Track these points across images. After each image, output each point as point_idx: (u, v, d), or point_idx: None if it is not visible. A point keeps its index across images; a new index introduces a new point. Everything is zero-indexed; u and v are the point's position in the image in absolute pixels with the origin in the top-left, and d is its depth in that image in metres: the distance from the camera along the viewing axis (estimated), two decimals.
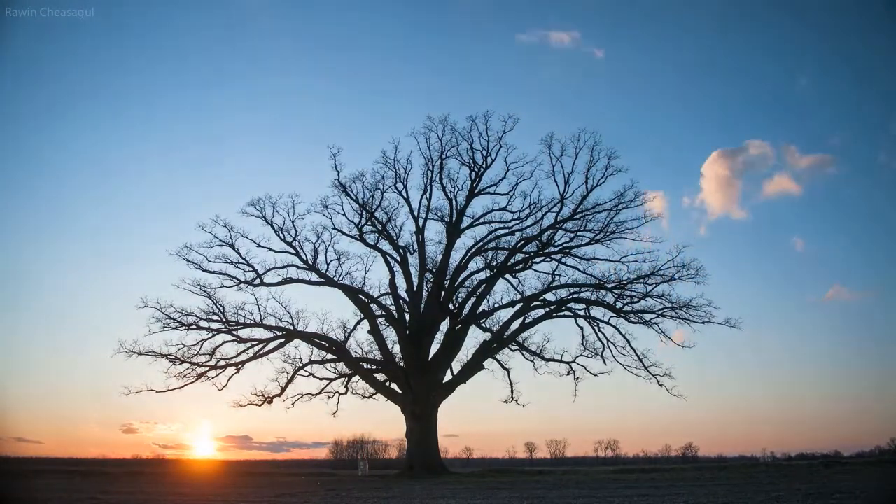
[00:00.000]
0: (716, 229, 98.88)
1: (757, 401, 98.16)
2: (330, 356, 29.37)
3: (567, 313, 29.65)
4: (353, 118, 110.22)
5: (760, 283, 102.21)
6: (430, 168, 30.61)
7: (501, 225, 30.96)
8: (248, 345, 28.29)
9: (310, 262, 29.64)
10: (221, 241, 28.55)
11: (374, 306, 29.79)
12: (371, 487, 18.70)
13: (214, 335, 27.99)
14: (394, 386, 28.87)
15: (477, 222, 31.06)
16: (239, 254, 28.70)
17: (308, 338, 28.76)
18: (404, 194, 30.94)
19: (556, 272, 29.97)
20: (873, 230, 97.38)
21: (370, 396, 29.84)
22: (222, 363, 27.89)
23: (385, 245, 30.78)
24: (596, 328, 28.99)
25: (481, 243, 30.56)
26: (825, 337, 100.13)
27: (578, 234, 29.67)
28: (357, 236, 30.47)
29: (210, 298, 27.94)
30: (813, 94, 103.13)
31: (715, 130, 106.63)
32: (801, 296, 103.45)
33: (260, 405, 28.22)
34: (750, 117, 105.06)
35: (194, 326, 27.61)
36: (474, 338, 30.03)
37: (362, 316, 29.44)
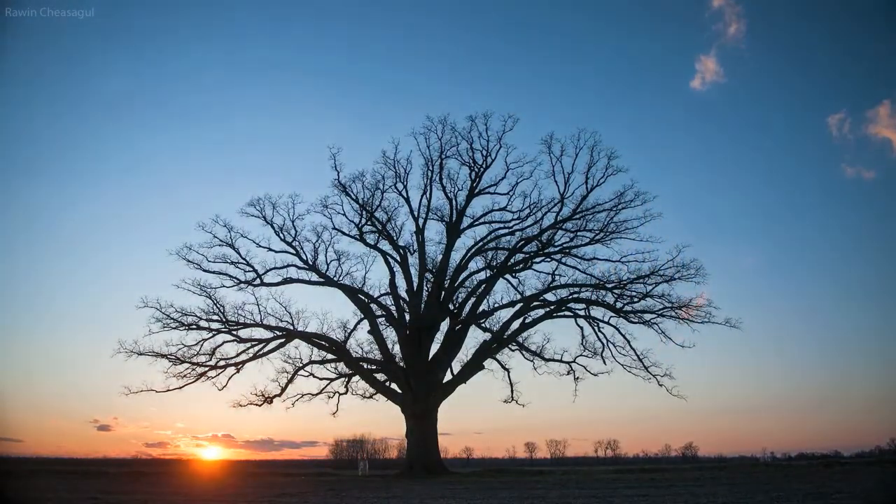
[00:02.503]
0: None
1: (757, 401, 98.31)
2: (330, 356, 29.37)
3: (567, 313, 29.66)
4: (353, 118, 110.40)
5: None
6: (430, 168, 30.71)
7: (501, 225, 31.05)
8: (248, 345, 28.37)
9: (310, 262, 29.73)
10: (221, 241, 28.69)
11: (374, 306, 29.82)
12: (371, 487, 18.67)
13: (214, 335, 28.11)
14: (394, 386, 28.85)
15: (477, 222, 31.15)
16: (239, 254, 28.85)
17: (308, 338, 28.74)
18: (404, 194, 31.05)
19: (556, 272, 30.09)
20: None
21: (370, 396, 29.88)
22: (222, 363, 27.96)
23: (385, 245, 30.90)
24: (596, 328, 29.10)
25: (481, 243, 30.63)
26: (825, 336, 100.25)
27: (578, 234, 29.76)
28: (357, 236, 30.53)
29: (210, 298, 28.10)
30: None
31: None
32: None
33: (260, 405, 28.30)
34: None
35: (194, 326, 27.67)
36: (474, 338, 30.13)
37: (362, 316, 29.47)
